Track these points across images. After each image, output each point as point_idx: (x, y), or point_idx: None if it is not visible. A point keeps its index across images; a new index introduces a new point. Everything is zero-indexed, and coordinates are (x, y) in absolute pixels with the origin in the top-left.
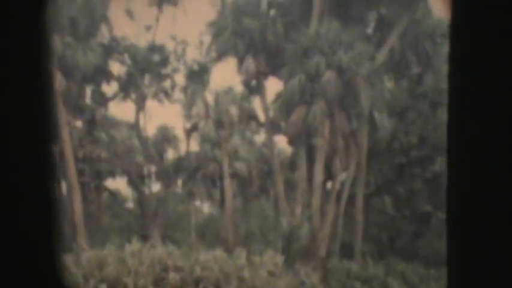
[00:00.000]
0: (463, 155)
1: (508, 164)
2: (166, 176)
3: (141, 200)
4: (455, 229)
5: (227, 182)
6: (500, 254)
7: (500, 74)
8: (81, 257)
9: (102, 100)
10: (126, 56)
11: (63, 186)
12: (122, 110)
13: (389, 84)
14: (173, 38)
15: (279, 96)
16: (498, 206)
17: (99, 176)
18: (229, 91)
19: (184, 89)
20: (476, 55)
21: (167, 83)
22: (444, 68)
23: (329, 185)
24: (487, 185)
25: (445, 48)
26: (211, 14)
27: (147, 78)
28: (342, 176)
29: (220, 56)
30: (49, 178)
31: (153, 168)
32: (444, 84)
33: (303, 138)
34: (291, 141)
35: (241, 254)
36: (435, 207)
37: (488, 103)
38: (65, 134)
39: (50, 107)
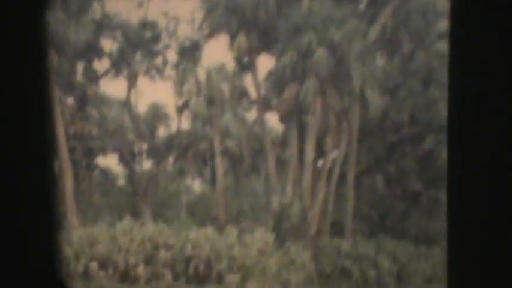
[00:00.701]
0: (463, 154)
1: (508, 163)
2: (157, 153)
3: (132, 177)
4: (455, 229)
5: (218, 160)
6: (500, 254)
7: (500, 73)
8: (72, 235)
9: (93, 77)
10: (118, 33)
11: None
12: (113, 87)
13: (381, 61)
14: (165, 14)
15: (270, 73)
16: (498, 206)
17: (90, 153)
18: (221, 68)
19: (176, 66)
20: (476, 54)
21: (159, 60)
22: (436, 45)
23: (320, 163)
24: (487, 184)
25: (436, 26)
26: None
27: (138, 55)
28: (333, 154)
29: (213, 33)
30: (49, 178)
31: (144, 146)
32: (436, 62)
33: (294, 115)
34: (283, 119)
35: (232, 232)
36: (426, 185)
37: (488, 102)
38: (56, 110)
39: (48, 113)
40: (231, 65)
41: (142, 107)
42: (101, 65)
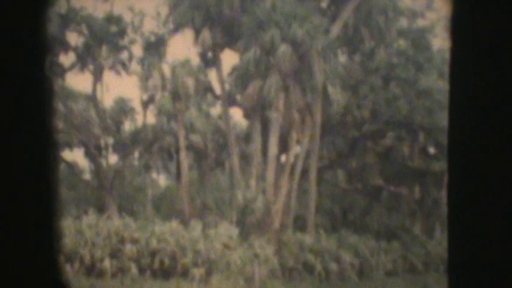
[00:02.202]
0: (463, 154)
1: (509, 163)
2: (123, 148)
3: (98, 171)
4: (455, 229)
5: (183, 155)
6: (500, 254)
7: (501, 73)
8: None
9: (59, 71)
10: (83, 27)
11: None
12: (79, 81)
13: (342, 58)
14: (131, 9)
15: (235, 69)
16: (498, 205)
17: (56, 147)
18: (185, 63)
19: (141, 61)
20: (477, 54)
21: (124, 55)
22: (396, 42)
23: (283, 158)
24: (487, 184)
25: (397, 23)
26: None
27: (104, 49)
28: (296, 150)
29: (177, 28)
30: (50, 179)
31: (110, 140)
32: (396, 59)
33: (258, 111)
34: (247, 114)
35: (196, 227)
36: (386, 180)
37: (488, 103)
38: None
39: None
40: (195, 60)
41: (108, 101)
42: (66, 59)
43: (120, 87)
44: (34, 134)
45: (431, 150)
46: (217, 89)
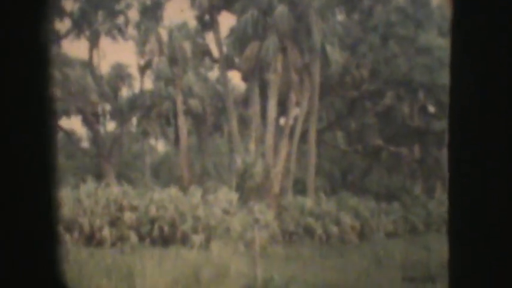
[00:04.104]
0: (464, 154)
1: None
2: (120, 114)
3: (96, 139)
4: (456, 231)
5: (181, 120)
6: (502, 214)
7: (502, 73)
8: None
9: (55, 37)
10: None
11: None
12: (75, 48)
13: (340, 17)
14: None
15: (232, 31)
16: (501, 166)
17: (54, 115)
18: (182, 26)
19: (138, 26)
20: (478, 51)
21: (120, 20)
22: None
23: (282, 120)
24: (488, 184)
25: None
26: None
27: (100, 14)
28: (295, 112)
29: None
30: (50, 178)
31: (107, 107)
32: (394, 17)
33: (256, 73)
34: (245, 77)
35: (195, 192)
36: (386, 141)
37: (489, 100)
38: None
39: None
40: (192, 23)
41: (105, 67)
42: (62, 25)
43: (116, 53)
44: (32, 104)
45: (431, 108)
46: (215, 52)
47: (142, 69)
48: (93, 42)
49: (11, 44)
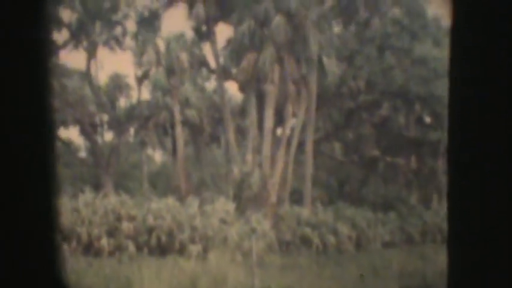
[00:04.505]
0: (463, 156)
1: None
2: (118, 124)
3: (93, 149)
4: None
5: (178, 130)
6: (501, 221)
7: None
8: None
9: (53, 48)
10: (76, 3)
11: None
12: (73, 59)
13: (337, 28)
14: None
15: (229, 42)
16: (499, 175)
17: (54, 125)
18: (180, 37)
19: (135, 36)
20: (476, 56)
21: (118, 30)
22: (391, 11)
23: (279, 131)
24: (487, 187)
25: None
26: None
27: (98, 25)
28: (292, 122)
29: (171, 2)
30: (50, 177)
31: (105, 117)
32: (391, 29)
33: (253, 84)
34: (242, 88)
35: (193, 203)
36: (383, 151)
37: (488, 103)
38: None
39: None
40: (190, 34)
41: (102, 78)
42: (60, 36)
43: (114, 63)
44: (32, 114)
45: (427, 119)
46: (212, 63)
47: (140, 80)
48: (91, 53)
49: (11, 45)
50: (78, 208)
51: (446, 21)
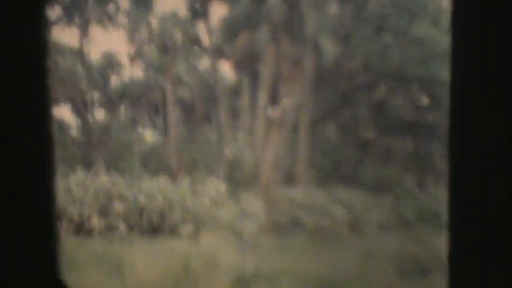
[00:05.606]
0: (465, 151)
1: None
2: (110, 103)
3: (84, 127)
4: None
5: (170, 109)
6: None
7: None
8: None
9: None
10: None
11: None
12: (65, 36)
13: (334, 8)
14: None
15: (223, 20)
16: (500, 160)
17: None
18: (173, 15)
19: (128, 13)
20: (478, 51)
21: (111, 7)
22: None
23: (273, 111)
24: (488, 181)
25: None
26: None
27: (90, 1)
28: (286, 103)
29: None
30: (48, 176)
31: (96, 95)
32: (388, 9)
33: (247, 63)
34: (235, 67)
35: (184, 182)
36: (379, 133)
37: (491, 95)
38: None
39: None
40: (183, 11)
41: (95, 55)
42: (52, 12)
43: (107, 41)
44: (32, 114)
45: (425, 101)
46: (206, 42)
47: (132, 58)
48: (84, 30)
49: (10, 43)
50: (70, 188)
51: (446, 1)
